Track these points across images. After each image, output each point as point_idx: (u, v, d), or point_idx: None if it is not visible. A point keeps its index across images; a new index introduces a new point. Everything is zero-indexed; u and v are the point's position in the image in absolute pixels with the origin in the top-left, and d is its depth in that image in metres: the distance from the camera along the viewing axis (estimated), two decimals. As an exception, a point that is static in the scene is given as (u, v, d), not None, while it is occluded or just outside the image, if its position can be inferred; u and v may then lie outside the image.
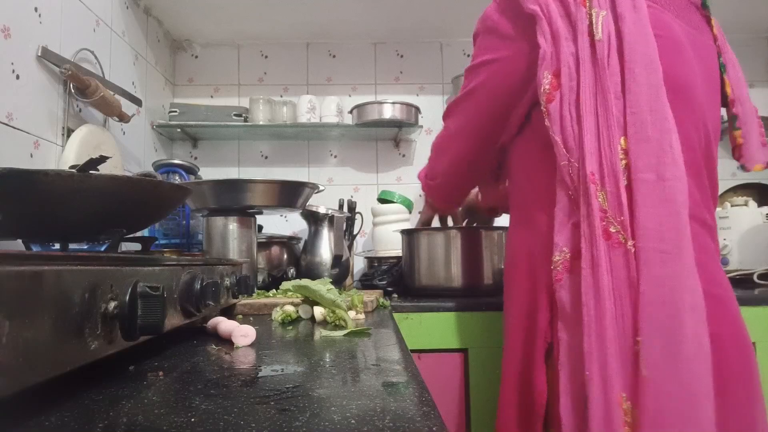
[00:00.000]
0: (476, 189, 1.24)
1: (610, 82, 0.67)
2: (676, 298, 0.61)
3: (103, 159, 0.64)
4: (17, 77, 1.07)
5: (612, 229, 0.64)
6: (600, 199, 0.65)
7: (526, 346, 0.77)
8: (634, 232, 0.63)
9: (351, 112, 1.84)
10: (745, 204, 1.52)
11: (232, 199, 1.21)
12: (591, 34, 0.69)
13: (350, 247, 1.58)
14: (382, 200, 1.81)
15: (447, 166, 1.01)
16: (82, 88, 1.23)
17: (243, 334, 0.64)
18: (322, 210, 1.53)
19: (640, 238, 0.63)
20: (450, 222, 1.38)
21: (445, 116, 0.97)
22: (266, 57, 2.04)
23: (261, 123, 1.81)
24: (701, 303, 0.62)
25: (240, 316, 0.92)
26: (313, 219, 1.54)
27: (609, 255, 0.64)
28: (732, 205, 1.53)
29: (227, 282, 0.83)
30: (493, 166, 0.98)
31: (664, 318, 0.61)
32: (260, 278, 1.38)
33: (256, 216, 1.30)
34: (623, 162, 0.65)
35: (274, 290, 1.13)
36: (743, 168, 0.82)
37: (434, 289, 1.33)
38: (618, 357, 0.61)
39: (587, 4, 0.70)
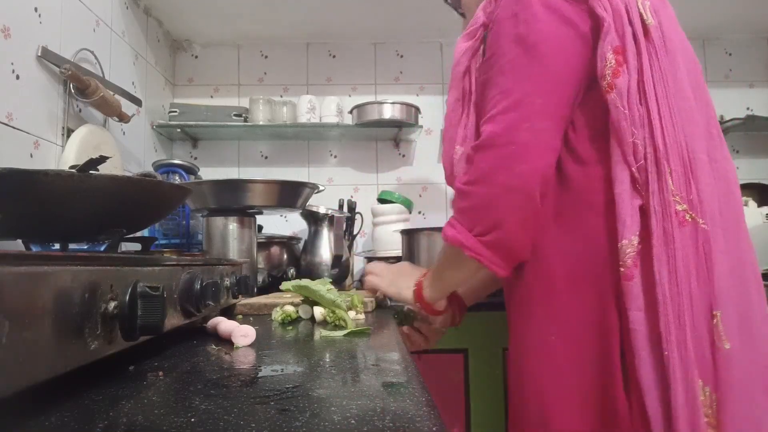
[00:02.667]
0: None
1: (666, 64, 0.69)
2: (741, 271, 0.66)
3: (103, 159, 0.64)
4: (17, 77, 1.07)
5: (679, 208, 0.65)
6: (668, 177, 0.66)
7: (600, 361, 0.69)
8: (701, 211, 0.65)
9: (351, 112, 1.84)
10: (745, 204, 1.52)
11: (232, 199, 1.21)
12: (642, 19, 0.69)
13: (350, 247, 1.58)
14: (382, 200, 1.81)
15: (528, 177, 0.68)
16: (82, 88, 1.23)
17: (243, 334, 0.64)
18: (322, 210, 1.53)
19: (705, 215, 0.65)
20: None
21: (500, 104, 0.70)
22: (266, 57, 2.04)
23: (261, 123, 1.81)
24: (759, 274, 0.69)
25: (240, 316, 0.92)
26: (313, 219, 1.54)
27: (678, 233, 0.64)
28: (732, 205, 1.53)
29: (227, 282, 0.83)
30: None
31: (735, 291, 0.64)
32: (260, 278, 1.38)
33: (256, 216, 1.30)
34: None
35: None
36: None
37: None
38: (692, 338, 0.62)
39: None
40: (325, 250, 1.50)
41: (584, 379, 0.70)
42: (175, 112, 1.82)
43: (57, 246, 0.80)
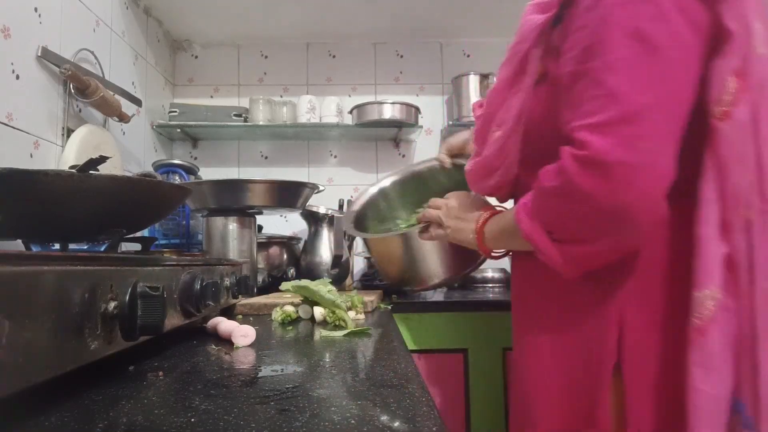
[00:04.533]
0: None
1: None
2: None
3: (103, 159, 0.64)
4: (17, 77, 1.07)
5: None
6: None
7: (588, 368, 0.68)
8: None
9: (351, 112, 1.84)
10: (745, 204, 1.52)
11: (232, 199, 1.21)
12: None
13: (350, 247, 1.58)
14: (382, 200, 1.81)
15: (638, 207, 0.59)
16: (82, 88, 1.23)
17: (243, 334, 0.64)
18: (322, 210, 1.54)
19: None
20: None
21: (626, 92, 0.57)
22: (266, 57, 2.04)
23: (261, 123, 1.81)
24: None
25: (240, 316, 0.92)
26: (313, 219, 1.54)
27: None
28: (732, 205, 1.52)
29: (227, 282, 0.83)
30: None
31: None
32: (260, 278, 1.38)
33: (256, 216, 1.30)
34: None
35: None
36: None
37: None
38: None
39: None
40: (325, 250, 1.50)
41: (569, 384, 0.70)
42: (175, 112, 1.82)
43: (57, 246, 0.80)
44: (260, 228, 1.55)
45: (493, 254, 0.84)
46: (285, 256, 1.52)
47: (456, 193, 0.93)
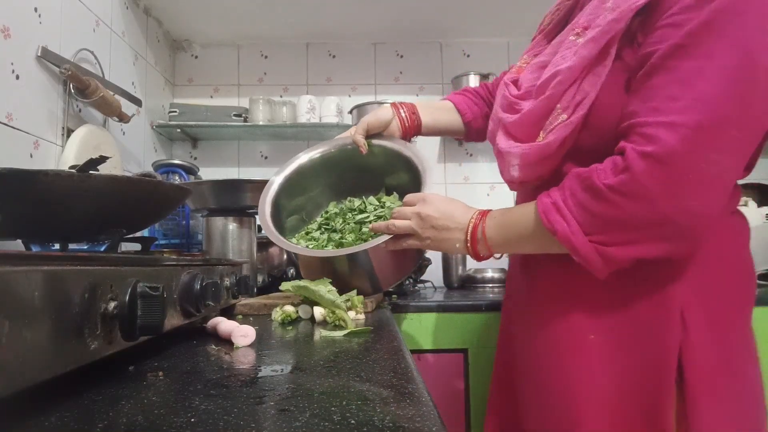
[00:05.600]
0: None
1: None
2: None
3: (103, 159, 0.64)
4: (17, 77, 1.07)
5: None
6: None
7: (646, 370, 0.65)
8: None
9: (351, 112, 1.84)
10: (745, 204, 1.52)
11: (232, 200, 1.21)
12: None
13: (350, 247, 1.58)
14: (382, 200, 1.80)
15: (694, 215, 0.59)
16: (81, 88, 1.23)
17: (243, 334, 0.64)
18: (321, 210, 1.53)
19: None
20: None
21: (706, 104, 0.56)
22: (266, 57, 2.04)
23: (261, 123, 1.81)
24: None
25: (240, 316, 0.92)
26: (313, 219, 1.54)
27: None
28: (732, 206, 1.53)
29: (227, 282, 0.83)
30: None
31: None
32: (260, 278, 1.38)
33: (256, 216, 1.30)
34: None
35: None
36: None
37: None
38: None
39: None
40: (325, 250, 1.50)
41: (621, 384, 0.66)
42: (175, 112, 1.82)
43: (57, 246, 0.80)
44: (260, 228, 1.55)
45: (482, 257, 0.78)
46: (285, 256, 1.52)
47: (425, 197, 0.82)
